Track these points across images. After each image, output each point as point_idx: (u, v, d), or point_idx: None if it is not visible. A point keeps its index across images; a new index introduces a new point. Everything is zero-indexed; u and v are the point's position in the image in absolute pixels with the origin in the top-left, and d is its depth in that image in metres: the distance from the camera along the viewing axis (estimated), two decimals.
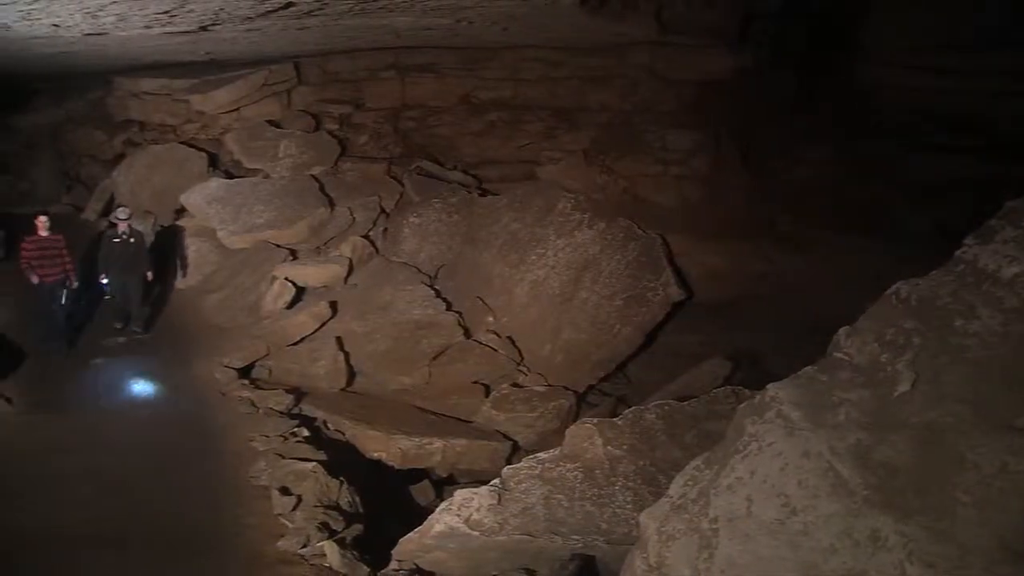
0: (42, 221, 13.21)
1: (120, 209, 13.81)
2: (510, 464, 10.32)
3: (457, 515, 7.08)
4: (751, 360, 12.44)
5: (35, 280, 12.93)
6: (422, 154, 16.62)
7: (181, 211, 16.59)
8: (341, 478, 9.39)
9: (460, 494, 7.31)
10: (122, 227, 13.55)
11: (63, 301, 13.21)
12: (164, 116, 18.51)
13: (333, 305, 13.34)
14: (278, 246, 14.73)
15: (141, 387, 12.07)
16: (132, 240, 13.62)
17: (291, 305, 13.51)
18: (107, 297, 13.88)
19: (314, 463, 9.59)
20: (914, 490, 3.61)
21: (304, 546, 8.11)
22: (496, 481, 7.42)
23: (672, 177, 14.87)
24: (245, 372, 12.36)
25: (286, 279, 13.66)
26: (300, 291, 13.78)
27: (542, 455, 7.69)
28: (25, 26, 9.12)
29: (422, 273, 14.24)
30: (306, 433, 10.66)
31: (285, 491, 9.05)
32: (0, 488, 9.18)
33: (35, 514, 8.72)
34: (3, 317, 13.26)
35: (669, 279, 12.92)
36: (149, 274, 13.85)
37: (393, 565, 7.71)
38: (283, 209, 15.10)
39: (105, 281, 13.59)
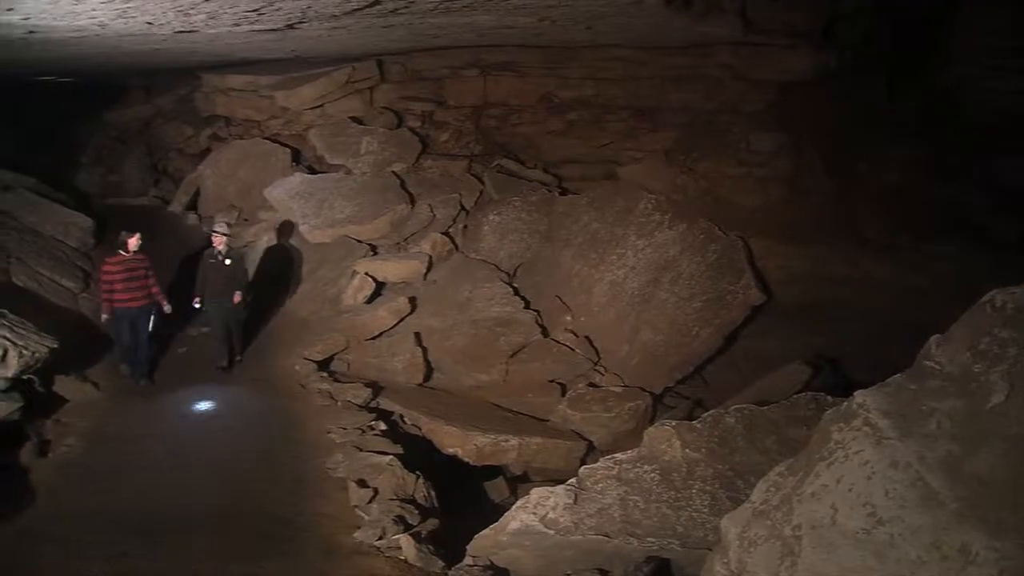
0: (133, 241, 11.97)
1: (218, 222, 12.93)
2: (584, 464, 10.32)
3: (533, 513, 7.08)
4: (831, 366, 12.25)
5: (105, 316, 11.88)
6: (503, 152, 16.66)
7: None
8: (417, 472, 9.44)
9: (537, 492, 7.30)
10: (219, 243, 12.47)
11: (150, 328, 12.17)
12: (249, 112, 18.87)
13: (412, 301, 13.45)
14: (359, 241, 14.89)
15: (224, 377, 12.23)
16: (227, 262, 12.47)
17: (371, 300, 13.65)
18: (204, 329, 13.10)
19: (391, 457, 9.66)
20: (1008, 505, 3.53)
21: (380, 538, 8.17)
22: (573, 480, 7.39)
23: (754, 178, 14.70)
24: (324, 365, 12.52)
25: (366, 274, 13.80)
26: (380, 286, 13.92)
27: (619, 456, 7.64)
28: (121, 24, 9.33)
29: (501, 271, 14.28)
30: (383, 427, 10.76)
31: (362, 483, 9.14)
32: (91, 471, 9.47)
33: (122, 497, 8.97)
34: (92, 305, 13.51)
35: (749, 282, 12.77)
36: (236, 294, 12.55)
37: (467, 560, 7.72)
38: (364, 205, 15.26)
39: (197, 305, 12.50)
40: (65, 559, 7.81)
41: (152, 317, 12.23)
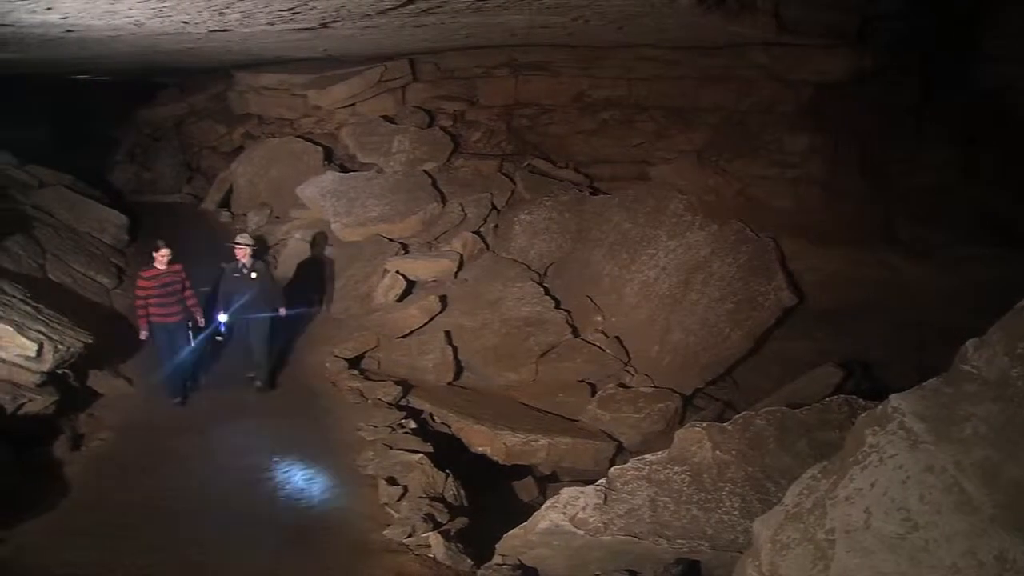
0: (163, 255, 11.27)
1: (240, 235, 12.09)
2: (613, 464, 10.31)
3: (563, 513, 7.08)
4: (863, 369, 12.17)
5: (143, 335, 11.25)
6: (534, 152, 16.67)
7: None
8: (447, 471, 9.47)
9: (566, 492, 7.30)
10: (242, 256, 11.68)
11: (190, 343, 11.57)
12: (282, 110, 19.01)
13: (443, 299, 13.47)
14: (390, 239, 14.95)
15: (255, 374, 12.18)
16: (254, 275, 11.69)
17: (401, 298, 13.68)
18: (218, 338, 12.04)
19: (421, 455, 9.70)
20: None
21: (409, 536, 8.21)
22: (603, 481, 7.39)
23: (787, 180, 14.60)
24: (355, 363, 12.57)
25: (397, 272, 13.83)
26: (411, 284, 13.96)
27: (649, 457, 7.63)
28: (156, 23, 9.41)
29: (532, 270, 14.29)
30: (413, 425, 10.80)
31: (392, 481, 9.18)
32: (123, 465, 9.60)
33: (153, 491, 9.06)
34: (126, 301, 13.63)
35: (781, 284, 12.71)
36: (282, 310, 11.98)
37: (496, 559, 7.75)
38: (396, 203, 15.31)
39: (223, 320, 11.78)
40: (97, 551, 7.89)
41: (190, 332, 11.64)
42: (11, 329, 9.87)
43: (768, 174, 14.64)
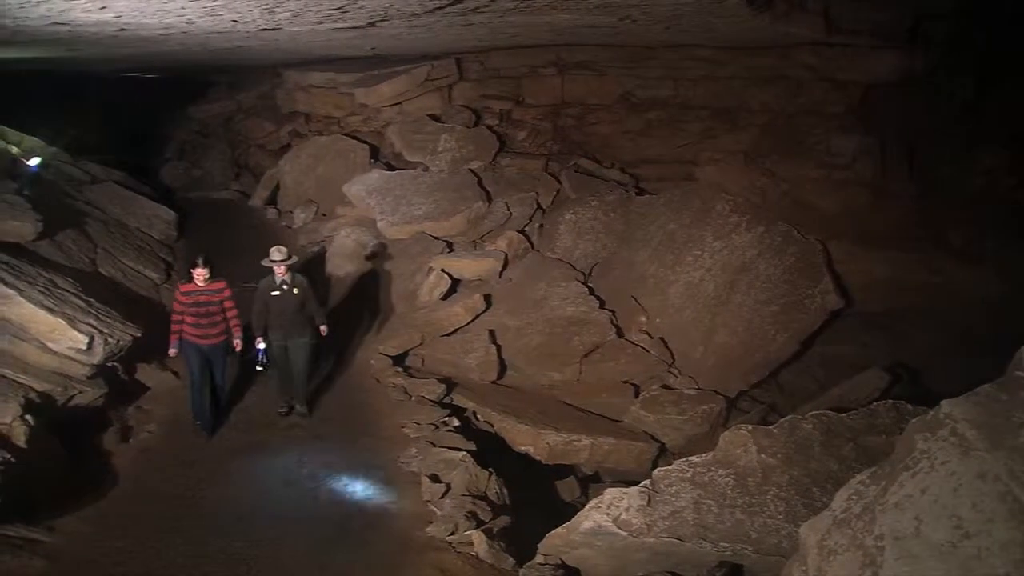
0: (200, 274, 10.23)
1: (274, 248, 10.89)
2: (656, 466, 10.29)
3: (606, 513, 7.06)
4: (910, 374, 12.03)
5: (172, 351, 10.40)
6: (580, 151, 16.64)
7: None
8: (490, 469, 9.49)
9: (610, 493, 7.28)
10: (280, 273, 10.66)
11: (224, 371, 10.70)
12: (329, 108, 19.15)
13: (487, 298, 13.50)
14: (435, 238, 15.00)
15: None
16: (295, 291, 10.72)
17: (446, 296, 13.72)
18: (259, 368, 10.73)
19: (464, 453, 9.73)
20: None
21: (452, 533, 8.24)
22: (646, 482, 7.35)
23: (835, 182, 14.46)
24: (399, 360, 12.63)
25: (442, 270, 13.87)
26: (455, 283, 13.99)
27: (694, 459, 7.58)
28: (208, 22, 9.49)
29: (576, 270, 14.27)
30: (456, 423, 10.84)
31: (435, 478, 9.22)
32: (170, 457, 9.76)
33: (199, 484, 9.17)
34: (173, 295, 13.75)
35: (828, 286, 12.59)
36: (323, 328, 11.00)
37: (538, 559, 7.74)
38: (441, 202, 15.37)
39: (262, 347, 10.64)
40: (144, 541, 8.01)
41: (226, 359, 10.72)
42: (63, 322, 10.04)
43: (816, 176, 14.51)
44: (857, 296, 13.20)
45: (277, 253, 10.78)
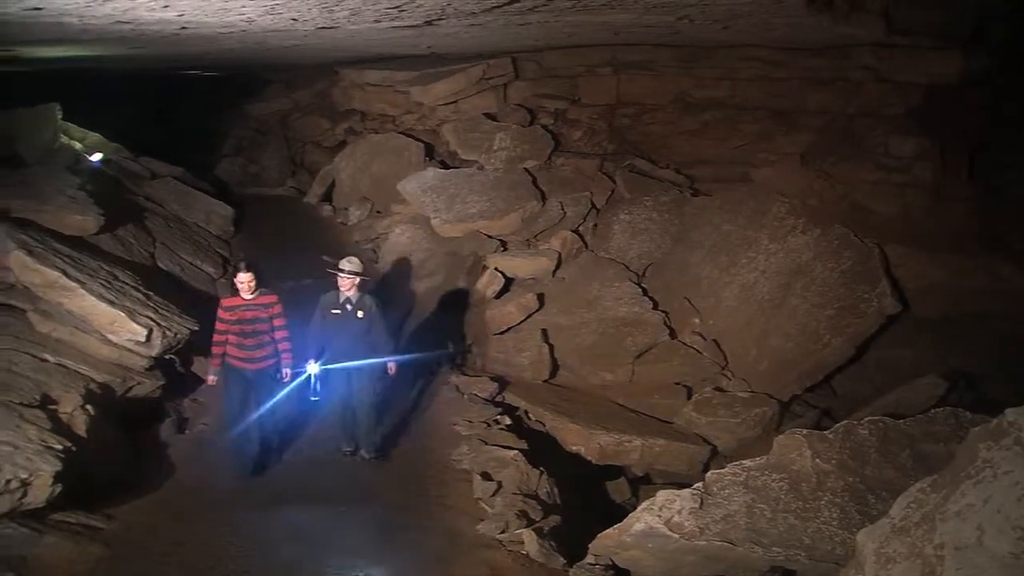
0: (244, 280, 9.04)
1: (345, 259, 9.40)
2: (707, 468, 10.25)
3: (658, 515, 7.05)
4: (967, 380, 11.83)
5: (211, 379, 9.39)
6: (635, 152, 16.57)
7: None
8: (541, 468, 9.52)
9: (662, 495, 7.27)
10: (347, 288, 9.23)
11: (270, 401, 9.33)
12: (385, 107, 19.30)
13: (540, 297, 13.51)
14: (489, 236, 15.03)
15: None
16: (360, 314, 9.27)
17: (499, 295, 13.73)
18: (314, 398, 9.41)
19: (515, 451, 9.77)
20: None
21: (503, 532, 8.28)
22: (699, 485, 7.33)
23: (892, 185, 14.23)
24: (451, 358, 12.68)
25: (496, 269, 13.91)
26: (509, 281, 14.01)
27: (747, 462, 7.54)
28: (267, 20, 9.59)
29: (630, 271, 14.24)
30: (508, 421, 10.89)
31: (486, 476, 9.27)
32: (225, 449, 9.80)
33: (254, 477, 9.27)
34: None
35: (885, 290, 12.41)
36: (391, 366, 9.61)
37: (589, 559, 7.76)
38: (496, 200, 15.40)
39: (314, 372, 9.28)
40: (198, 531, 8.15)
41: (275, 387, 9.37)
42: (123, 315, 10.25)
43: (873, 178, 14.30)
44: (914, 301, 13.00)
45: (347, 263, 9.26)
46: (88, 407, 8.98)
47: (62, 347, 10.04)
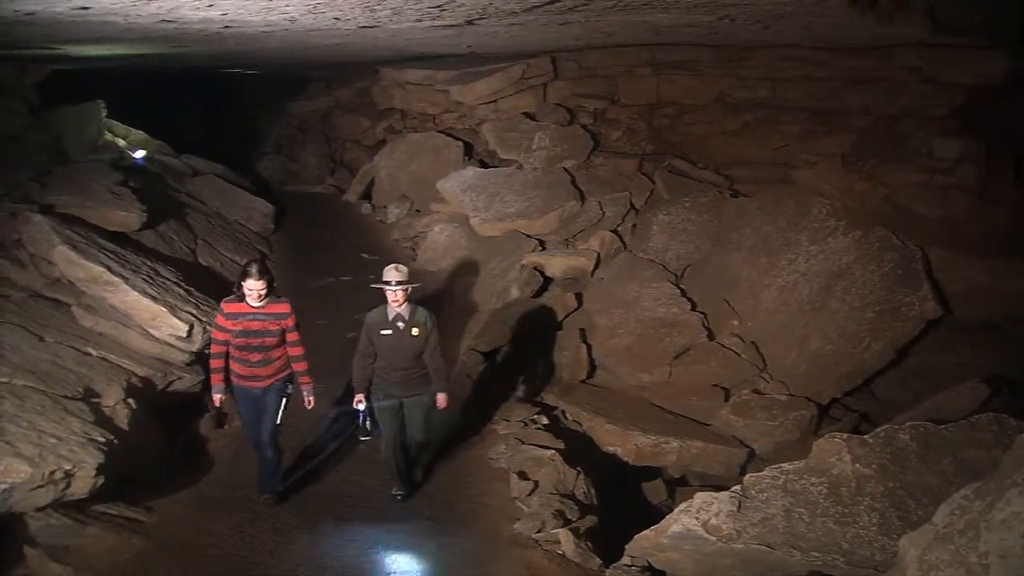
0: (254, 288, 7.86)
1: (391, 267, 8.22)
2: (744, 471, 10.20)
3: (695, 518, 7.03)
4: (1011, 387, 11.68)
5: (216, 399, 8.50)
6: (674, 152, 16.50)
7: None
8: (578, 468, 9.52)
9: (700, 497, 7.24)
10: (397, 303, 8.09)
11: (278, 421, 8.31)
12: (424, 105, 19.36)
13: (578, 297, 13.50)
14: (527, 235, 15.03)
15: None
16: (414, 332, 8.17)
17: (538, 294, 13.73)
18: (364, 437, 8.58)
19: (552, 451, 9.79)
20: None
21: (539, 531, 8.30)
22: (737, 488, 7.30)
23: (936, 187, 14.06)
24: (489, 356, 12.68)
25: (534, 268, 13.92)
26: (547, 281, 14.01)
27: (786, 466, 7.49)
28: (310, 19, 9.65)
29: (668, 271, 14.18)
30: (545, 421, 10.89)
31: (523, 476, 9.30)
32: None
33: (292, 473, 9.35)
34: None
35: (927, 294, 12.28)
36: (440, 397, 8.54)
37: (625, 560, 7.74)
38: (534, 200, 15.40)
39: (362, 407, 8.35)
40: (237, 525, 8.23)
41: (283, 401, 8.33)
42: (165, 310, 10.39)
43: (916, 180, 14.14)
44: (957, 305, 12.84)
45: (394, 272, 8.09)
46: (130, 401, 9.10)
47: (105, 341, 10.19)
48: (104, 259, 10.94)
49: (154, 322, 10.43)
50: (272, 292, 8.06)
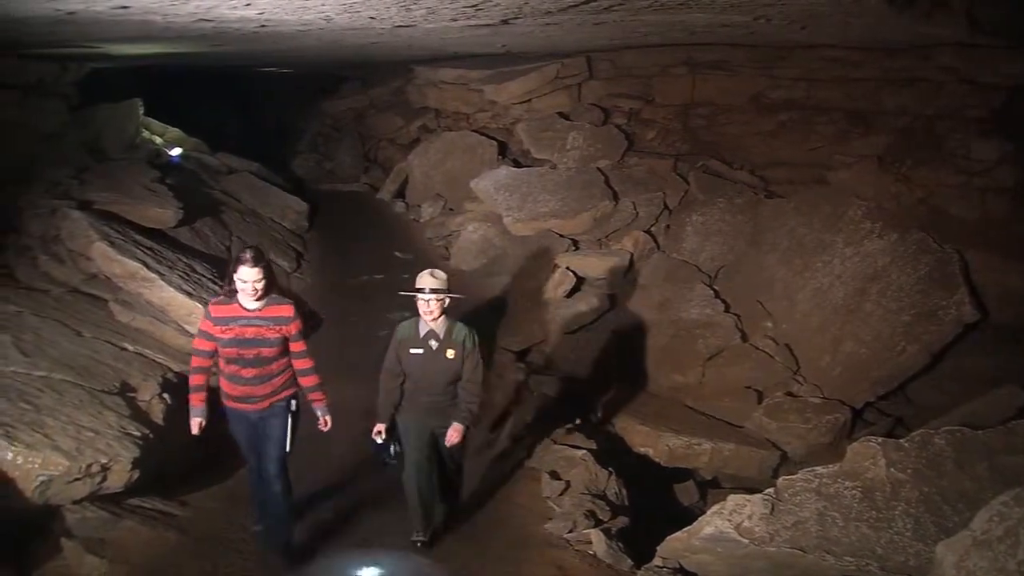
0: (250, 278, 6.31)
1: (426, 272, 6.96)
2: (777, 474, 10.16)
3: (728, 520, 7.01)
4: None
5: (196, 425, 6.82)
6: (709, 152, 16.42)
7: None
8: (609, 468, 9.51)
9: (733, 499, 7.22)
10: (430, 315, 6.87)
11: (282, 448, 6.93)
12: (459, 105, 19.41)
13: (612, 298, 13.49)
14: (560, 235, 15.04)
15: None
16: (450, 354, 6.97)
17: (570, 294, 13.73)
18: (387, 463, 7.46)
19: (584, 451, 9.78)
20: None
21: (570, 531, 8.30)
22: (770, 490, 7.27)
23: (974, 189, 13.90)
24: (522, 356, 12.70)
25: (567, 268, 13.92)
26: (580, 281, 13.98)
27: (820, 469, 7.45)
28: (345, 18, 9.70)
29: (702, 272, 14.14)
30: (577, 421, 10.88)
31: (554, 475, 9.30)
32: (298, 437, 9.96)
33: (322, 469, 9.31)
34: (302, 284, 14.14)
35: (963, 298, 12.15)
36: (452, 431, 7.22)
37: (657, 561, 7.74)
38: (568, 199, 15.39)
39: (380, 440, 7.32)
40: None
41: (288, 425, 6.92)
42: (200, 306, 10.45)
43: (953, 182, 13.99)
44: (994, 309, 12.69)
45: (429, 279, 6.86)
46: (165, 395, 9.19)
47: (141, 336, 10.31)
48: (141, 255, 11.08)
49: (190, 318, 10.53)
50: (273, 289, 6.63)
